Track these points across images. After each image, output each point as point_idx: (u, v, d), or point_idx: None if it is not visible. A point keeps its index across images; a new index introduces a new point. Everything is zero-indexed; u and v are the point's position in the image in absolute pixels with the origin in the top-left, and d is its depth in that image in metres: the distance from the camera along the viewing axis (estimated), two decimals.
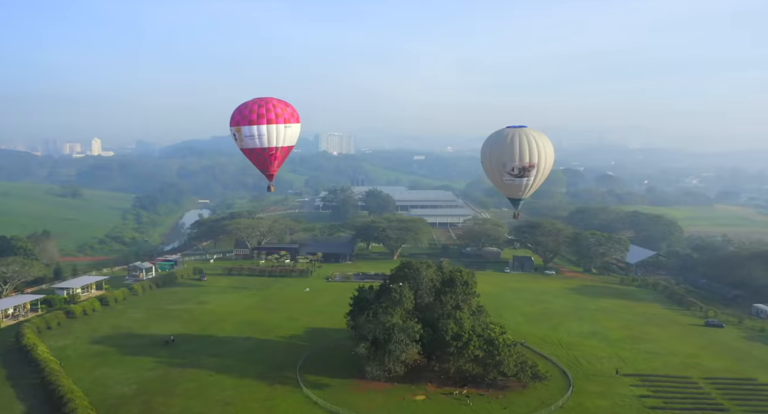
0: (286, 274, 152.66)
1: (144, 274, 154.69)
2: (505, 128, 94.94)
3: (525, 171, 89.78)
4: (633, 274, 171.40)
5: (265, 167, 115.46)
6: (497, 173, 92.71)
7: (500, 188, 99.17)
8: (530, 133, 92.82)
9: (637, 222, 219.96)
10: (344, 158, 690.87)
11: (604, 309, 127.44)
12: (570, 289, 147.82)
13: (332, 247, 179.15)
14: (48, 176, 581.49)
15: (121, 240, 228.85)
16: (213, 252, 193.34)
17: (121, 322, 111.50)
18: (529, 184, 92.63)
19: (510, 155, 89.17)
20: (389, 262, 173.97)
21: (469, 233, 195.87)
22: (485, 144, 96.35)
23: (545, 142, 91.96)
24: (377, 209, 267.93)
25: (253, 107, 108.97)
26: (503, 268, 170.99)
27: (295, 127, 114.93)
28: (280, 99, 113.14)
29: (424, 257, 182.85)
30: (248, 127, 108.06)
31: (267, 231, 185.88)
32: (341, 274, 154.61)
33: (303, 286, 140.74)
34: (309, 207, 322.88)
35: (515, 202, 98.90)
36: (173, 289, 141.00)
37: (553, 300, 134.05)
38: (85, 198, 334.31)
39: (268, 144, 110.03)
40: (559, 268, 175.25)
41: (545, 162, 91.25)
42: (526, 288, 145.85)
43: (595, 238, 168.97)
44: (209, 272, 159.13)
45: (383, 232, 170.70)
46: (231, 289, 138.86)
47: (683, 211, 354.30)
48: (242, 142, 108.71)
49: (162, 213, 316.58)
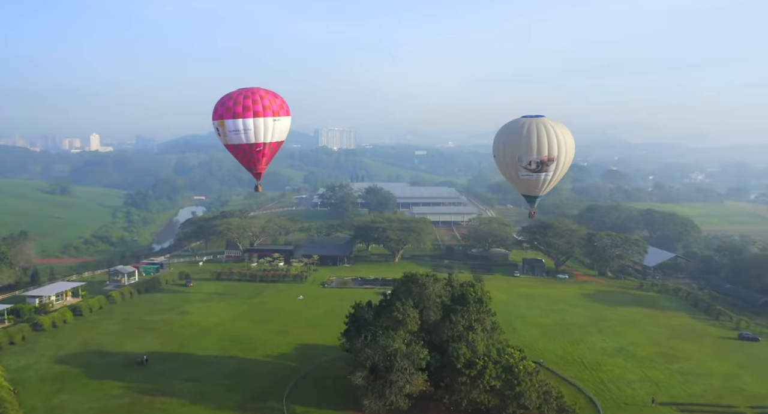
0: (278, 279, 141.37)
1: (126, 279, 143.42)
2: (520, 118, 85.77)
3: (543, 165, 79.97)
4: (651, 277, 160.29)
5: (252, 165, 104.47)
6: (512, 168, 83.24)
7: (515, 184, 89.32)
8: (548, 123, 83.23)
9: (651, 221, 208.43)
10: (344, 153, 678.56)
11: (625, 319, 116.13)
12: (586, 295, 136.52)
13: (329, 248, 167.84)
14: (42, 172, 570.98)
15: (108, 240, 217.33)
16: (203, 253, 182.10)
17: (93, 336, 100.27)
18: (548, 180, 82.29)
19: (526, 148, 79.32)
20: (390, 266, 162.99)
21: (474, 233, 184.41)
22: (498, 135, 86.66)
23: (565, 133, 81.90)
24: (377, 207, 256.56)
25: (238, 99, 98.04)
26: (512, 271, 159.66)
27: (285, 120, 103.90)
28: (268, 89, 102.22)
29: (426, 259, 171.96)
30: (233, 120, 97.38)
31: (260, 231, 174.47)
32: (338, 279, 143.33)
33: (296, 293, 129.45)
34: (307, 204, 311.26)
35: (531, 200, 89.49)
36: (156, 296, 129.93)
37: (570, 309, 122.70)
38: (75, 195, 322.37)
39: (255, 139, 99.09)
40: (571, 271, 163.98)
41: (565, 155, 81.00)
42: (539, 294, 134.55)
43: (611, 240, 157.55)
44: (197, 276, 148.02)
45: (384, 234, 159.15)
46: (218, 297, 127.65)
47: (694, 208, 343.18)
48: (226, 137, 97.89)
49: (154, 210, 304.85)
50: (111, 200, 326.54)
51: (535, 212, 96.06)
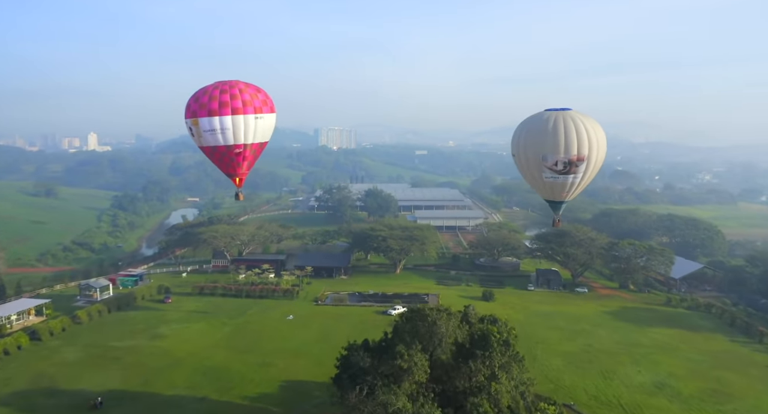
0: (267, 294, 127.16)
1: (98, 294, 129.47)
2: (543, 111, 73.70)
3: (571, 166, 68.80)
4: (677, 291, 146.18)
5: (231, 170, 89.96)
6: (534, 169, 71.37)
7: (537, 188, 77.29)
8: (577, 116, 71.08)
9: (671, 226, 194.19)
10: (344, 153, 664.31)
11: (660, 344, 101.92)
12: (609, 313, 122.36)
13: (324, 258, 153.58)
14: (35, 173, 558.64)
15: (89, 246, 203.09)
16: (189, 262, 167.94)
17: (47, 368, 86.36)
18: (576, 183, 71.01)
19: (553, 146, 68.40)
20: (391, 277, 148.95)
21: (482, 241, 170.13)
22: (518, 131, 74.60)
23: (596, 129, 70.46)
24: (377, 210, 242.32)
25: (213, 93, 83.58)
26: (525, 283, 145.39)
27: (269, 118, 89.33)
28: (249, 83, 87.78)
29: (431, 270, 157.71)
30: (208, 118, 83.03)
31: (249, 240, 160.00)
32: (333, 294, 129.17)
33: (285, 312, 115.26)
34: (303, 207, 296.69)
35: (556, 206, 77.68)
36: (129, 315, 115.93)
37: (594, 330, 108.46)
38: (61, 197, 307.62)
39: (234, 140, 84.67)
40: (589, 283, 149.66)
41: (597, 154, 69.61)
42: (558, 312, 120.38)
43: (633, 249, 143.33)
44: (178, 290, 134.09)
45: (384, 243, 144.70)
46: (197, 316, 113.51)
47: (707, 210, 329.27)
48: (200, 138, 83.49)
49: (143, 213, 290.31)
50: (99, 202, 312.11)
51: (560, 220, 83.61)
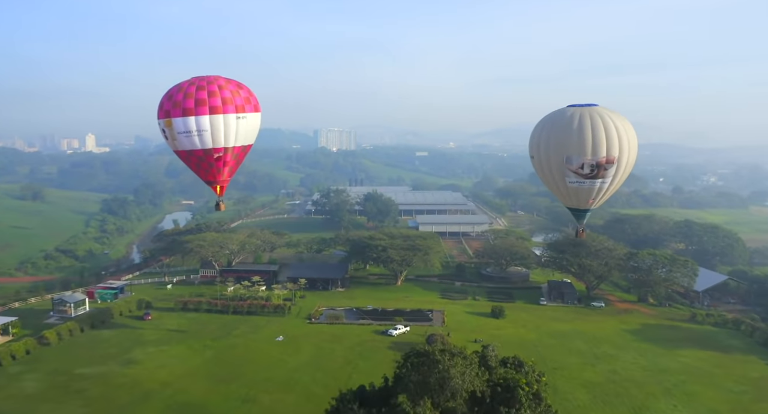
0: (256, 310, 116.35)
1: (72, 309, 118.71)
2: (566, 108, 67.08)
3: (600, 169, 62.71)
4: (699, 304, 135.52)
5: (210, 177, 79.29)
6: (557, 172, 65.01)
7: (559, 194, 69.85)
8: (605, 113, 64.06)
9: (689, 233, 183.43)
10: (343, 155, 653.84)
11: (691, 370, 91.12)
12: (631, 331, 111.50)
13: (320, 269, 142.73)
14: (29, 174, 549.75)
15: (72, 254, 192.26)
16: (175, 272, 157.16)
17: (1, 402, 75.73)
18: (604, 189, 64.78)
19: (579, 146, 62.18)
20: (391, 290, 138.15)
21: (488, 249, 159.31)
22: (538, 130, 67.14)
23: (627, 128, 63.82)
24: (377, 215, 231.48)
25: (189, 90, 73.09)
26: (536, 296, 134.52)
27: (253, 117, 78.61)
28: (230, 78, 77.35)
29: (434, 281, 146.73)
30: (182, 119, 73.00)
31: (239, 249, 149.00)
32: (328, 310, 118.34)
33: (275, 332, 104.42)
34: (300, 211, 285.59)
35: (580, 215, 71.04)
36: (103, 335, 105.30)
37: (618, 354, 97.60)
38: (48, 201, 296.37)
39: (213, 143, 74.26)
40: (605, 296, 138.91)
41: (628, 156, 63.45)
42: (575, 331, 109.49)
43: (654, 259, 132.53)
44: (159, 305, 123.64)
45: (384, 253, 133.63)
46: (178, 337, 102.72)
47: (718, 214, 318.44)
48: (174, 141, 73.22)
49: (134, 218, 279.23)
50: (89, 206, 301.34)
51: (584, 230, 74.61)
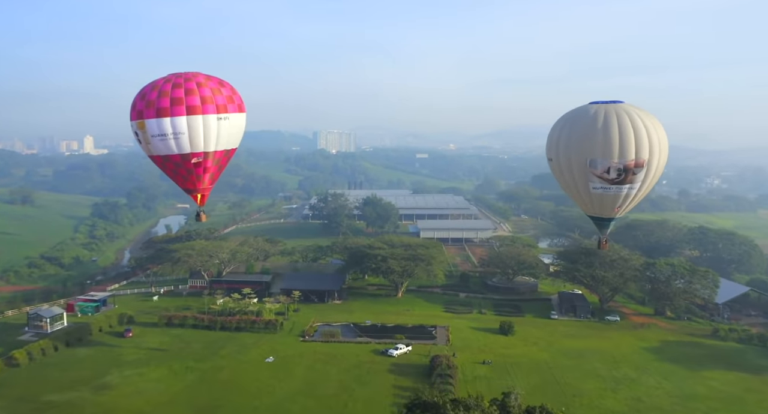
0: (245, 326, 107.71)
1: (49, 324, 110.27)
2: (588, 105, 61.05)
3: (628, 174, 57.45)
4: (719, 317, 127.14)
5: (189, 185, 71.27)
6: (578, 177, 59.61)
7: (581, 201, 63.94)
8: (633, 111, 58.31)
9: (704, 240, 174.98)
10: (343, 157, 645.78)
11: (721, 396, 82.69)
12: (651, 350, 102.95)
13: (315, 280, 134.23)
14: (24, 177, 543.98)
15: (58, 261, 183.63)
16: (164, 282, 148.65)
17: None
18: (631, 195, 59.58)
19: (604, 148, 56.90)
20: (392, 302, 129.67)
21: (494, 257, 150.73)
22: (557, 130, 61.20)
23: (657, 127, 58.46)
24: (377, 220, 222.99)
25: (164, 88, 65.59)
26: (546, 310, 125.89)
27: (236, 118, 70.70)
28: (211, 75, 69.25)
29: (437, 292, 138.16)
30: (156, 120, 66.13)
31: (230, 258, 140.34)
32: (323, 325, 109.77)
33: (265, 352, 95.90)
34: (297, 215, 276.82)
35: (603, 224, 65.31)
36: (78, 354, 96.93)
37: (640, 377, 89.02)
38: (38, 204, 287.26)
39: (191, 147, 66.57)
40: (619, 308, 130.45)
41: (658, 158, 58.41)
42: (591, 350, 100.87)
43: (672, 270, 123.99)
44: (143, 319, 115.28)
45: (384, 263, 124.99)
46: (159, 357, 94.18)
47: (726, 218, 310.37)
48: (148, 145, 65.83)
49: (126, 222, 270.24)
50: (81, 210, 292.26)
51: (606, 241, 68.53)
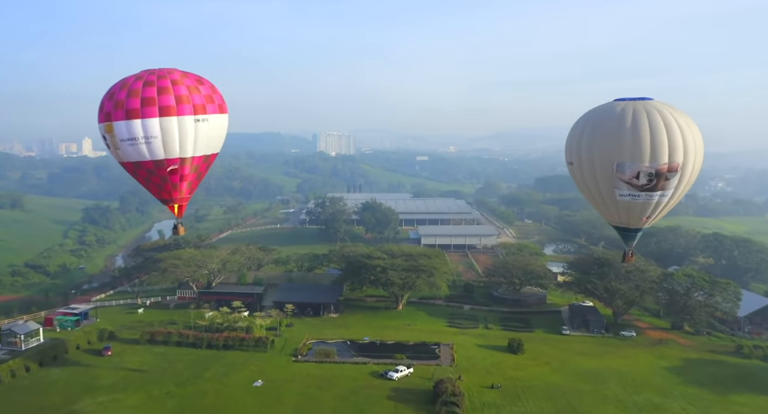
0: (234, 344, 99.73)
1: (23, 342, 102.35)
2: (613, 102, 55.69)
3: (659, 179, 52.71)
4: (740, 332, 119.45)
5: (165, 194, 64.58)
6: (604, 183, 54.79)
7: (605, 209, 58.70)
8: (665, 109, 52.97)
9: (719, 247, 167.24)
10: (342, 159, 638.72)
11: None
12: (672, 370, 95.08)
13: (310, 292, 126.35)
14: (19, 180, 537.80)
15: (44, 269, 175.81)
16: (151, 292, 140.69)
17: None
18: (663, 203, 55.21)
19: (634, 151, 51.80)
20: (392, 316, 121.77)
21: (499, 266, 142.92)
22: (578, 130, 55.84)
23: (691, 126, 53.28)
24: (376, 226, 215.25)
25: (135, 87, 59.18)
26: (557, 325, 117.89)
27: (217, 120, 63.80)
28: (188, 72, 61.91)
29: (440, 305, 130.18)
30: (125, 122, 59.50)
31: (220, 268, 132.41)
32: (318, 343, 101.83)
33: (254, 374, 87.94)
34: (294, 220, 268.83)
35: (629, 235, 60.43)
36: (51, 376, 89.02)
37: (664, 402, 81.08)
38: (28, 209, 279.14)
39: (165, 153, 59.51)
40: (634, 322, 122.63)
41: (694, 162, 53.65)
42: (607, 371, 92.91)
43: (691, 281, 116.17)
44: (125, 335, 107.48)
45: (384, 274, 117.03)
46: (138, 380, 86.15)
47: (735, 223, 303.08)
48: (118, 150, 59.18)
49: (118, 227, 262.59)
50: (72, 215, 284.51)
51: (633, 254, 64.05)
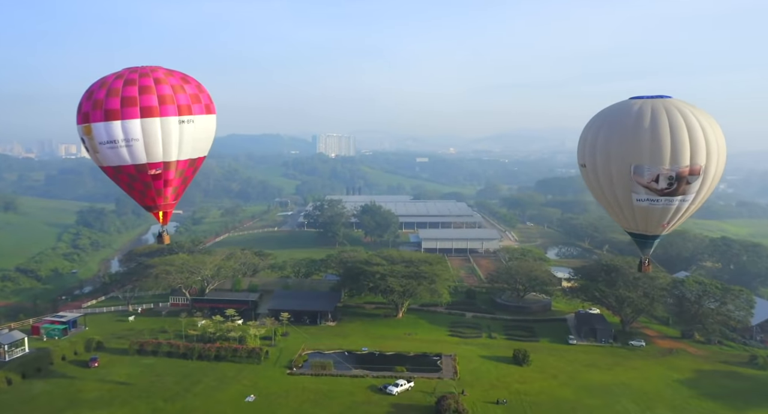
0: (226, 355, 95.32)
1: (7, 352, 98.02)
2: (630, 100, 51.84)
3: (680, 183, 49.13)
4: (752, 340, 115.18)
5: (148, 201, 60.28)
6: (620, 187, 51.03)
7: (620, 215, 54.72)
8: (686, 108, 49.19)
9: (727, 252, 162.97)
10: (342, 161, 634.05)
11: None
12: (685, 382, 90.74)
13: (307, 299, 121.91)
14: (16, 181, 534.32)
15: (35, 274, 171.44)
16: (143, 299, 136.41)
17: None
18: (683, 209, 51.58)
19: (653, 152, 48.03)
20: (391, 324, 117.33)
21: (502, 272, 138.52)
22: (591, 129, 52.01)
23: (713, 126, 49.68)
24: (375, 229, 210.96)
25: (115, 86, 54.97)
26: (563, 334, 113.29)
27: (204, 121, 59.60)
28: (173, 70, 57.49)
29: (441, 312, 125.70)
30: (104, 124, 55.65)
31: (214, 274, 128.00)
32: (314, 354, 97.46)
33: (246, 388, 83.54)
34: (292, 223, 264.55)
35: (646, 242, 56.50)
36: (34, 388, 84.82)
37: None
38: (21, 211, 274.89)
39: (148, 157, 55.26)
40: (642, 330, 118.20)
41: (716, 164, 49.94)
42: (618, 385, 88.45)
43: (702, 288, 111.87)
44: (113, 344, 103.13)
45: (383, 281, 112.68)
46: (124, 394, 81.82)
47: (740, 225, 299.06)
48: (97, 154, 54.95)
49: (114, 230, 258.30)
50: (67, 217, 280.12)
51: (650, 263, 59.48)
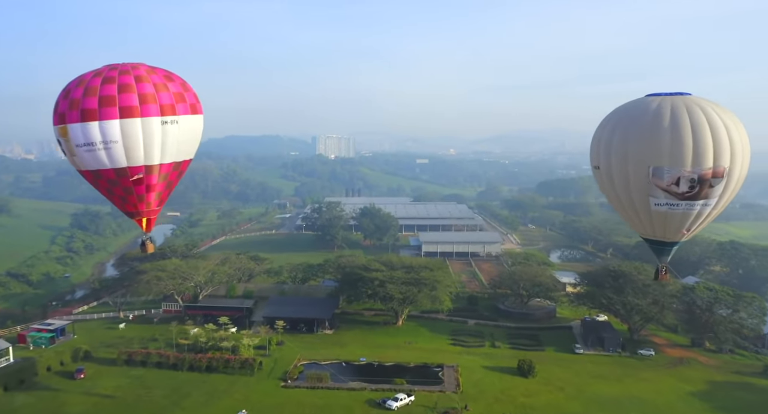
0: (218, 366, 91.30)
1: None
2: (647, 98, 47.91)
3: (704, 186, 44.83)
4: (766, 349, 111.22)
5: (130, 207, 55.95)
6: (637, 191, 46.84)
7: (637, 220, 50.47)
8: (707, 106, 45.17)
9: (735, 256, 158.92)
10: (341, 162, 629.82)
11: None
12: (697, 394, 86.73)
13: (304, 306, 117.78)
14: (13, 183, 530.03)
15: (26, 278, 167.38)
16: (135, 305, 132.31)
17: None
18: (705, 214, 47.85)
19: (673, 153, 43.83)
20: (391, 333, 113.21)
21: (506, 277, 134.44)
22: (606, 129, 48.39)
23: (737, 125, 45.79)
24: (375, 232, 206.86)
25: (92, 84, 50.74)
26: (569, 342, 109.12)
27: (189, 121, 55.19)
28: (156, 67, 52.94)
29: (442, 320, 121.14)
30: (81, 125, 51.81)
31: (207, 280, 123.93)
32: (310, 364, 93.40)
33: (237, 403, 79.48)
34: (290, 226, 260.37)
35: (663, 249, 51.82)
36: (15, 402, 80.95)
37: None
38: (15, 214, 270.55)
39: (128, 160, 50.86)
40: (649, 337, 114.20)
41: (741, 166, 46.09)
42: (628, 398, 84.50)
43: (714, 295, 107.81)
44: (101, 354, 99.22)
45: (382, 288, 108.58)
46: (109, 408, 77.94)
47: (745, 227, 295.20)
48: (74, 157, 50.74)
49: (110, 233, 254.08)
50: (62, 220, 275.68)
51: (666, 271, 54.38)
